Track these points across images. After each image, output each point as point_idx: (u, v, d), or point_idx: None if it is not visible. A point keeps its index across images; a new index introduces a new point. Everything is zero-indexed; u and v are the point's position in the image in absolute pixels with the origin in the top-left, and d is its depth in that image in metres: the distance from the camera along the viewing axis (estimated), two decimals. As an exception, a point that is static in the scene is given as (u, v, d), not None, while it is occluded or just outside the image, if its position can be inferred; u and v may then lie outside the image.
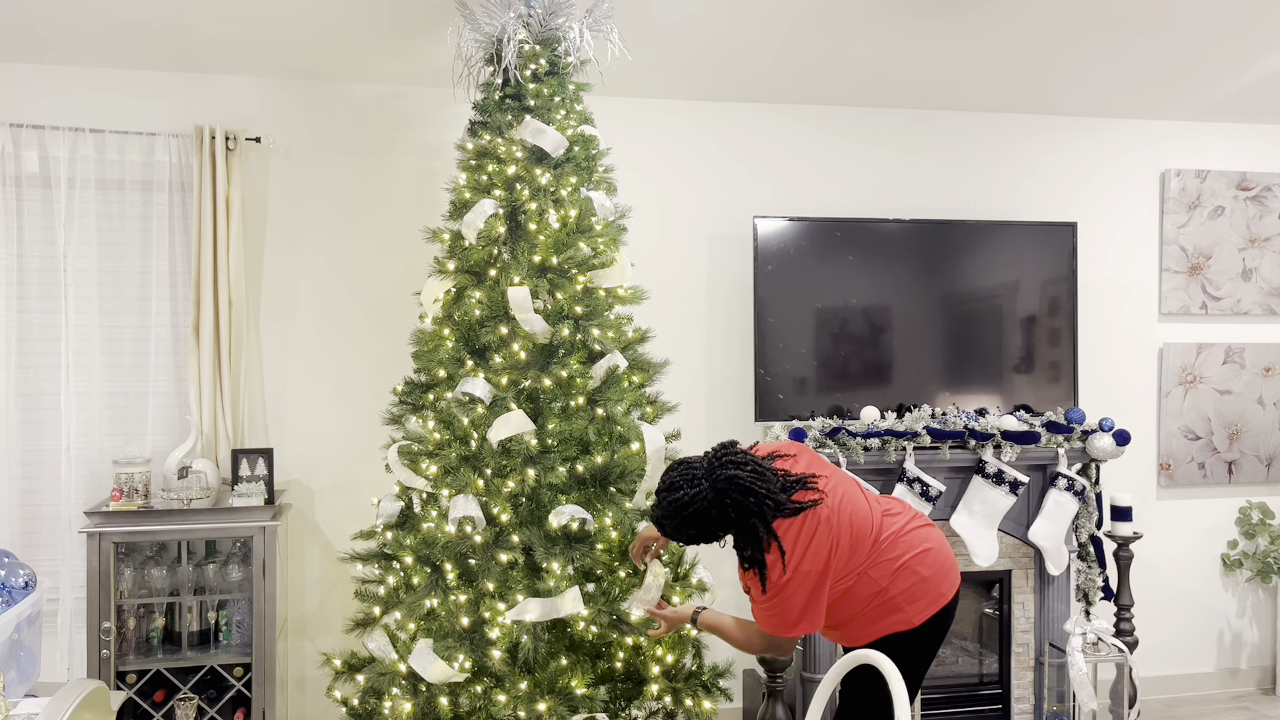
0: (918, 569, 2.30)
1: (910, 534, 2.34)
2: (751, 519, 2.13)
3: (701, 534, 2.19)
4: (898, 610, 2.29)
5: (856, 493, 2.35)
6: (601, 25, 3.15)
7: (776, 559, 2.18)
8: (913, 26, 3.63)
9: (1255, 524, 4.43)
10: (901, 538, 2.33)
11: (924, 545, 2.34)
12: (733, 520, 2.15)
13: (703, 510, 2.14)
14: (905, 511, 2.42)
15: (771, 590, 2.22)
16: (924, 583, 2.30)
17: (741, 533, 2.17)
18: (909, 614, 2.29)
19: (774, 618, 2.26)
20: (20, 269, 3.53)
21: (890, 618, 2.30)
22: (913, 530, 2.36)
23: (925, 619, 2.30)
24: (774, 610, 2.25)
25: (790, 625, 2.27)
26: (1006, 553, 3.84)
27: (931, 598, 2.31)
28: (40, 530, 3.53)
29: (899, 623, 2.30)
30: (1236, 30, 3.75)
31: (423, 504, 2.97)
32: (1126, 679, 3.65)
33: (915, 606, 2.29)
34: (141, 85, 3.63)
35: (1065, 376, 4.06)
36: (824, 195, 4.16)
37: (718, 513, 2.14)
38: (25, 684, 2.05)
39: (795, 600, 2.23)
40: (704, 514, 2.15)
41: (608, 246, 3.05)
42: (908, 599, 2.29)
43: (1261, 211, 4.47)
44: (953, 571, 2.37)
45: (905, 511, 2.42)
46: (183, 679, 3.33)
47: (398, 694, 2.82)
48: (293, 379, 3.76)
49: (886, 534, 2.33)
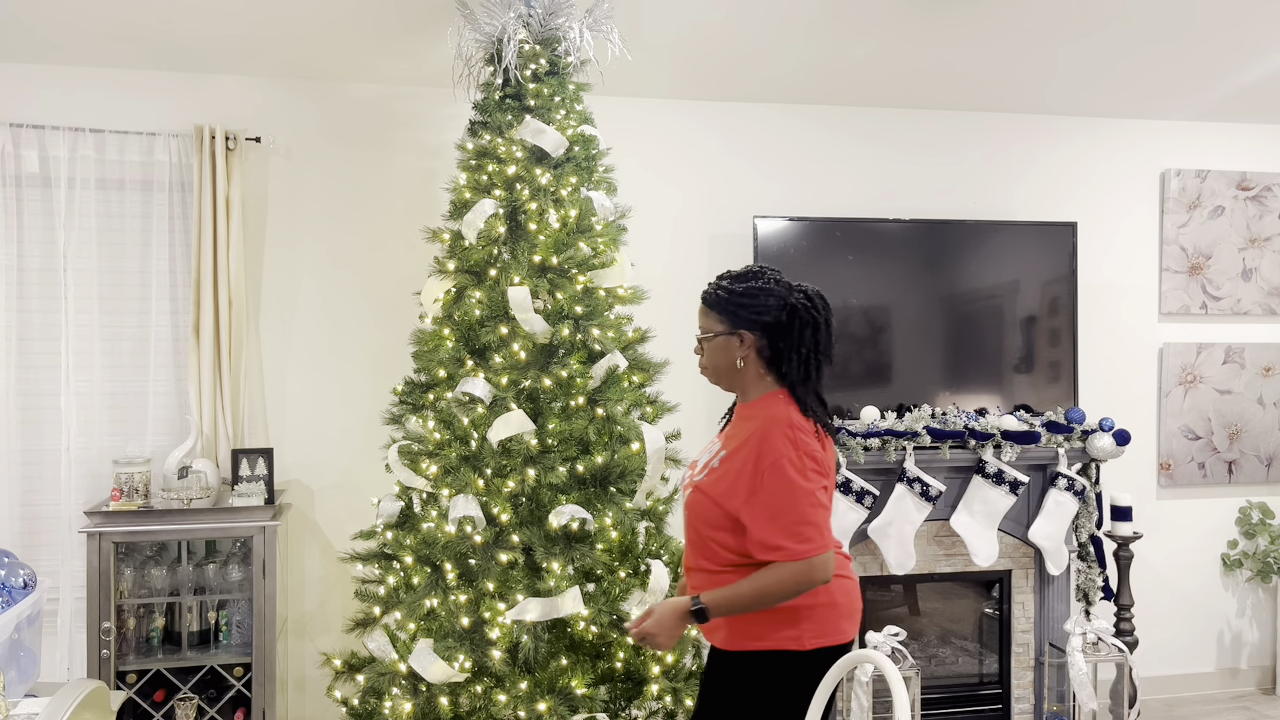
0: (834, 591, 2.08)
1: (840, 557, 2.16)
2: (803, 346, 2.04)
3: (741, 317, 2.06)
4: (795, 625, 2.03)
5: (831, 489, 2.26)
6: (601, 25, 3.15)
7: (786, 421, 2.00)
8: (913, 27, 3.63)
9: (1255, 524, 4.43)
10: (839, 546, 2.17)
11: (847, 574, 2.14)
12: (783, 327, 2.04)
13: (770, 296, 2.05)
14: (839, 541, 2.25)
15: (771, 469, 1.96)
16: (834, 608, 2.07)
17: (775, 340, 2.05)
18: (804, 634, 2.03)
19: (782, 515, 1.94)
20: (20, 269, 3.53)
21: (784, 631, 2.03)
22: (842, 557, 2.18)
23: (818, 646, 2.04)
24: (777, 501, 1.95)
25: (803, 520, 1.93)
26: (1006, 553, 3.84)
27: (834, 629, 2.07)
28: (40, 530, 3.53)
29: (790, 640, 2.03)
30: (1237, 30, 3.75)
31: (423, 504, 2.97)
32: (1126, 679, 3.65)
33: (814, 628, 2.04)
34: (141, 85, 3.63)
35: (1065, 376, 4.06)
36: (824, 195, 4.16)
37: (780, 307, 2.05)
38: (25, 684, 2.05)
39: (799, 485, 1.95)
40: (765, 298, 2.05)
41: (608, 246, 3.05)
42: (809, 616, 2.04)
43: (1261, 211, 4.47)
44: (858, 615, 2.15)
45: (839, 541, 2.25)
46: (183, 679, 3.33)
47: (398, 694, 2.82)
48: (293, 379, 3.76)
49: None
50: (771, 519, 1.95)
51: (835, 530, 3.56)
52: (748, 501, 1.97)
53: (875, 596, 3.89)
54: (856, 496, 3.55)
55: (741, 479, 1.99)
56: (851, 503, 3.56)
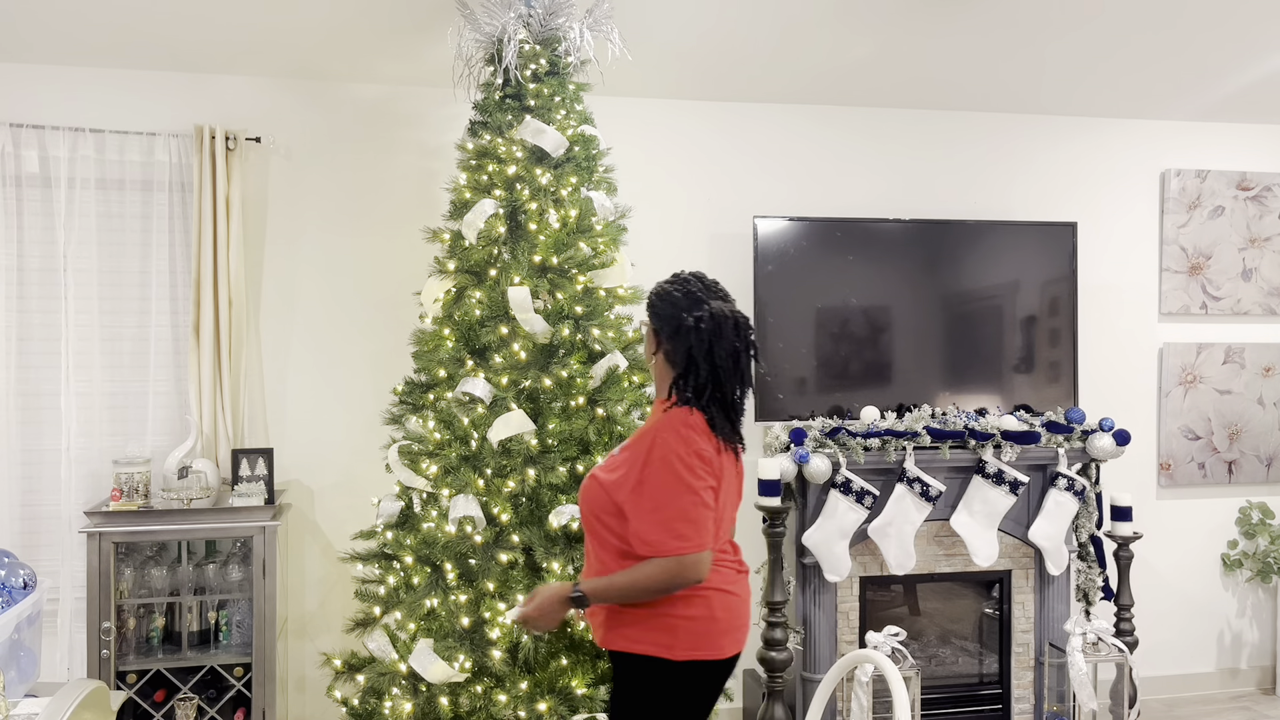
0: (714, 605, 2.05)
1: (728, 569, 2.12)
2: (698, 364, 2.05)
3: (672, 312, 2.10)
4: (669, 633, 2.02)
5: (732, 502, 2.18)
6: (601, 25, 3.15)
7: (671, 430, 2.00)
8: (913, 27, 3.63)
9: (1255, 524, 4.43)
10: (721, 566, 2.11)
11: (733, 589, 2.10)
12: (680, 338, 2.07)
13: (672, 306, 2.10)
14: (737, 554, 2.21)
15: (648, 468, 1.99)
16: (712, 622, 2.04)
17: (675, 348, 2.08)
18: (676, 643, 2.02)
19: (661, 510, 1.96)
20: (20, 269, 3.53)
21: (657, 637, 2.03)
22: (731, 568, 2.14)
23: (690, 659, 2.02)
24: (659, 495, 1.97)
25: (682, 516, 1.95)
26: (1006, 553, 3.84)
27: (709, 644, 2.04)
28: (40, 530, 3.53)
29: (662, 647, 2.02)
30: (1237, 30, 3.75)
31: (423, 504, 2.97)
32: (1126, 679, 3.65)
33: (689, 640, 2.02)
34: (141, 85, 3.63)
35: (1065, 376, 4.06)
36: (824, 195, 4.16)
37: (673, 319, 2.09)
38: (25, 684, 2.05)
39: (684, 482, 1.96)
40: (668, 306, 2.11)
41: (608, 246, 3.05)
42: (686, 628, 2.02)
43: (1261, 211, 4.47)
44: (742, 633, 2.10)
45: (737, 554, 2.21)
46: (183, 679, 3.33)
47: (398, 694, 2.82)
48: (293, 379, 3.76)
49: (729, 539, 2.16)
50: (651, 512, 1.97)
51: (835, 530, 3.56)
52: (632, 493, 2.00)
53: (875, 596, 3.89)
54: (856, 496, 3.55)
55: (631, 471, 2.02)
56: (851, 503, 3.56)
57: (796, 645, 3.62)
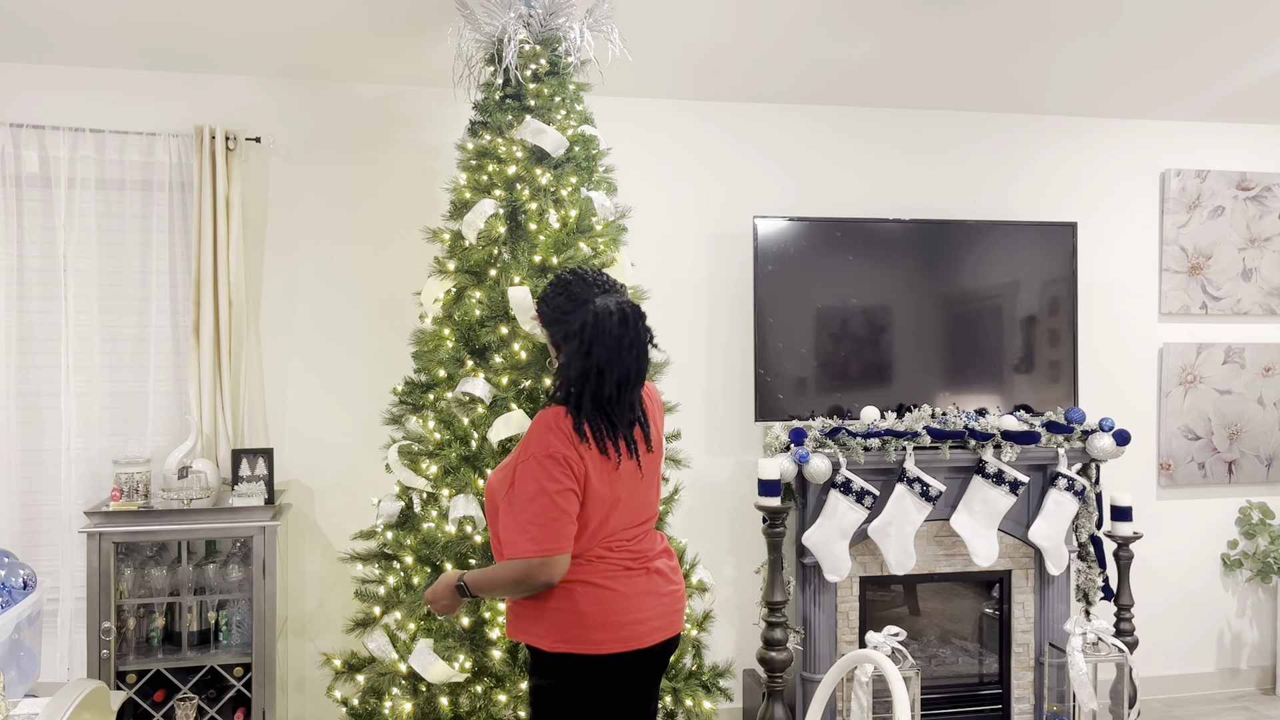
0: (578, 599, 2.03)
1: (612, 564, 2.07)
2: (571, 361, 2.04)
3: (555, 316, 2.09)
4: (539, 623, 2.05)
5: (651, 484, 2.16)
6: (602, 25, 3.15)
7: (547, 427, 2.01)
8: (914, 27, 3.63)
9: (1255, 524, 4.43)
10: (600, 561, 2.06)
11: (607, 584, 2.05)
12: (569, 339, 2.05)
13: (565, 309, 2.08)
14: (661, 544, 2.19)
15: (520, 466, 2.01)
16: (575, 615, 2.03)
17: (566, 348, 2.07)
18: (545, 634, 2.04)
19: (519, 513, 1.98)
20: (20, 269, 3.53)
21: (531, 627, 2.06)
22: (618, 563, 2.08)
23: (560, 651, 2.03)
24: (519, 498, 1.99)
25: (532, 520, 1.96)
26: (1006, 553, 3.84)
27: (578, 638, 2.03)
28: (40, 530, 3.53)
29: (536, 637, 2.05)
30: (1237, 30, 3.75)
31: (423, 504, 2.97)
32: (1126, 679, 3.65)
33: (555, 632, 2.03)
34: (141, 85, 3.63)
35: (1065, 376, 4.06)
36: (824, 195, 4.16)
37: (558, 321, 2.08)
38: (25, 684, 2.05)
39: (539, 486, 1.97)
40: (560, 311, 2.08)
41: (608, 246, 3.05)
42: (551, 620, 2.03)
43: (1261, 211, 4.47)
44: (619, 629, 2.04)
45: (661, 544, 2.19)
46: (183, 679, 3.33)
47: (398, 694, 2.82)
48: (293, 379, 3.76)
49: (627, 536, 2.11)
50: (511, 514, 2.01)
51: (835, 530, 3.56)
52: (506, 494, 2.04)
53: (875, 596, 3.90)
54: (856, 496, 3.55)
55: (507, 473, 2.06)
56: (851, 503, 3.56)
57: (796, 645, 3.63)
